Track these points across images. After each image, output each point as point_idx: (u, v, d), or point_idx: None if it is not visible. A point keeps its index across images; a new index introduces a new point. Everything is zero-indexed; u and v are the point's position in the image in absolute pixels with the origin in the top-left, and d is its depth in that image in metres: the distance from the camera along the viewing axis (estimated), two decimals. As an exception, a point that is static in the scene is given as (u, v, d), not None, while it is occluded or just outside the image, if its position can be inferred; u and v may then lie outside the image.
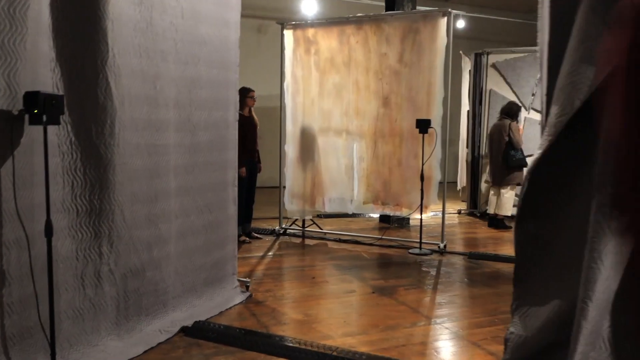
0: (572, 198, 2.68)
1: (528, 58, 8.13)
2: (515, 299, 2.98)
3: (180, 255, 3.96)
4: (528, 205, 2.83)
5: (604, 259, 2.40)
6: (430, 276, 5.19)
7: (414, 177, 6.20)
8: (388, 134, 6.31)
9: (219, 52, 4.18)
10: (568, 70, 2.62)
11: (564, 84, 2.62)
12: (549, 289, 2.78)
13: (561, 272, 2.75)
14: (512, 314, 2.99)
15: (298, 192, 6.77)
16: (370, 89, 6.34)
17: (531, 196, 2.82)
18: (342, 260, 5.73)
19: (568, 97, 2.57)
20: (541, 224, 2.81)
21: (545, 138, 2.73)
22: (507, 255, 5.95)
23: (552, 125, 2.66)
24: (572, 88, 2.56)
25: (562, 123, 2.60)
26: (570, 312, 2.65)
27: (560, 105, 2.61)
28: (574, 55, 2.61)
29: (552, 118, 2.69)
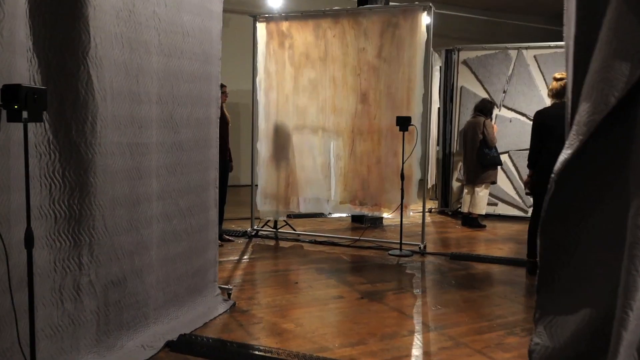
0: (603, 201, 2.52)
1: (499, 55, 8.12)
2: (538, 307, 2.82)
3: (162, 263, 3.66)
4: (555, 209, 2.68)
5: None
6: (417, 279, 5.05)
7: (394, 176, 6.05)
8: (366, 131, 6.14)
9: (202, 44, 3.89)
10: (600, 65, 2.47)
11: (596, 80, 2.47)
12: (577, 297, 2.63)
13: (590, 279, 2.59)
14: (536, 324, 2.83)
15: (271, 192, 6.52)
16: (348, 85, 6.15)
17: (558, 199, 2.67)
18: (322, 263, 5.52)
19: (601, 94, 2.42)
20: (569, 228, 2.66)
21: (575, 137, 2.56)
22: (489, 256, 5.89)
23: (583, 124, 2.49)
24: (606, 84, 2.41)
25: (595, 122, 2.45)
26: (603, 321, 2.49)
27: (593, 103, 2.46)
28: (606, 50, 2.46)
29: (582, 116, 2.52)
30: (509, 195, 8.19)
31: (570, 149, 2.51)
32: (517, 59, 8.06)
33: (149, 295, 3.54)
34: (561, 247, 2.66)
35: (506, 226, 7.66)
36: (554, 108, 5.13)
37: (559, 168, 2.55)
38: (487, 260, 5.72)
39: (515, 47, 8.10)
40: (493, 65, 8.14)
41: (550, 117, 5.08)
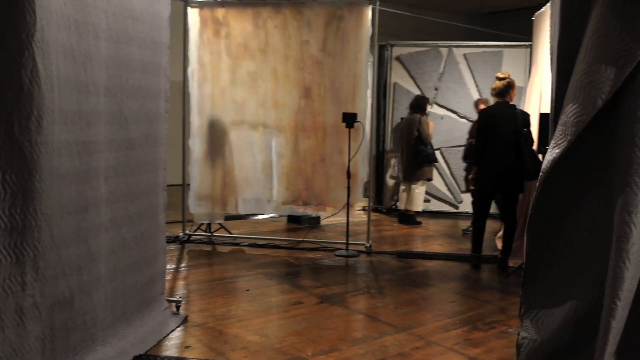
0: (587, 199, 2.52)
1: (431, 52, 8.17)
2: (524, 302, 2.78)
3: (111, 277, 3.24)
4: (542, 206, 2.63)
5: (631, 258, 2.29)
6: (370, 279, 4.90)
7: (339, 174, 5.86)
8: (310, 127, 5.90)
9: (151, 30, 3.48)
10: (586, 68, 2.44)
11: (583, 82, 2.44)
12: (563, 290, 2.62)
13: (575, 272, 2.60)
14: (522, 318, 2.78)
15: (206, 193, 6.11)
16: (291, 79, 5.88)
17: (546, 197, 2.62)
18: (269, 267, 5.23)
19: (589, 96, 2.40)
20: (555, 224, 2.63)
21: (563, 137, 2.53)
22: (434, 253, 5.87)
23: (571, 125, 2.46)
24: (593, 87, 2.39)
25: (583, 122, 2.42)
26: (587, 312, 2.50)
27: (580, 105, 2.43)
28: (591, 54, 2.44)
29: (570, 117, 2.50)
30: (441, 191, 8.28)
31: (558, 148, 2.50)
32: (447, 57, 8.14)
33: (97, 314, 3.12)
34: (546, 244, 2.67)
35: (439, 222, 7.73)
36: (498, 107, 5.16)
37: (548, 167, 2.53)
38: (433, 257, 5.69)
39: (446, 45, 8.18)
40: (425, 63, 8.17)
41: (494, 116, 5.11)
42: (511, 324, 3.83)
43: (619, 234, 2.25)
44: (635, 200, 2.22)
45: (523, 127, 5.01)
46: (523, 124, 5.02)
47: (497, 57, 8.06)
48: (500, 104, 5.14)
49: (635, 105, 2.22)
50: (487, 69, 8.09)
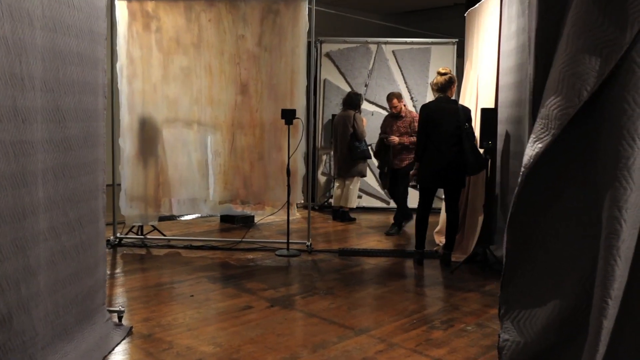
0: (571, 193, 2.51)
1: (360, 49, 8.18)
2: (503, 302, 2.75)
3: (51, 290, 2.95)
4: (523, 203, 2.61)
5: (622, 255, 2.29)
6: (317, 280, 4.80)
7: (278, 172, 5.72)
8: (247, 125, 5.72)
9: (88, 19, 3.20)
10: (568, 59, 2.43)
11: (566, 74, 2.42)
12: (545, 289, 2.60)
13: (557, 270, 2.58)
14: (502, 320, 2.75)
15: (138, 194, 5.78)
16: (226, 75, 5.67)
17: (527, 193, 2.60)
18: (210, 270, 5.01)
19: (573, 88, 2.38)
20: (537, 221, 2.61)
21: (545, 131, 2.51)
22: (375, 250, 5.87)
23: (554, 118, 2.44)
24: (577, 79, 2.37)
25: (568, 115, 2.40)
26: (572, 311, 2.49)
27: (564, 97, 2.41)
28: (573, 44, 2.43)
29: (552, 110, 2.47)
30: (372, 187, 8.33)
31: (541, 142, 2.46)
32: (377, 54, 8.19)
33: (37, 332, 2.82)
34: (527, 241, 2.63)
35: (373, 218, 7.76)
36: (439, 102, 5.22)
37: (531, 162, 2.49)
38: (375, 254, 5.68)
39: (375, 42, 8.23)
40: (355, 59, 8.18)
41: (435, 111, 5.16)
42: (467, 321, 3.85)
43: (608, 230, 2.22)
44: (625, 196, 2.20)
45: (465, 122, 5.09)
46: (465, 119, 5.10)
47: (425, 53, 8.20)
48: (441, 99, 5.20)
49: (622, 98, 2.20)
50: (415, 66, 8.22)
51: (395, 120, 6.67)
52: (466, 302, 4.26)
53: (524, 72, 4.70)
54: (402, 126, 6.60)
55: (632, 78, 2.25)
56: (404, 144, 6.53)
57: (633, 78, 2.25)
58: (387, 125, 6.75)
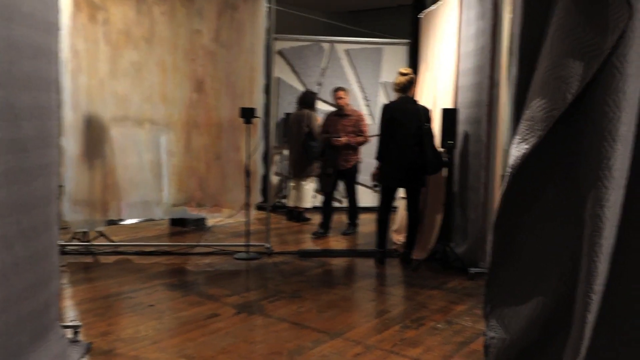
0: (555, 193, 2.52)
1: (313, 47, 8.07)
2: (488, 300, 2.73)
3: (3, 308, 2.67)
4: (509, 203, 2.59)
5: (604, 252, 2.32)
6: (282, 283, 4.64)
7: (236, 172, 5.52)
8: (204, 123, 5.48)
9: (45, 7, 2.93)
10: (551, 63, 2.43)
11: (550, 77, 2.42)
12: (527, 287, 2.60)
13: (539, 268, 2.59)
14: (487, 317, 2.73)
15: (84, 198, 5.42)
16: (181, 71, 5.41)
17: (513, 193, 2.58)
18: (166, 277, 4.77)
19: (558, 91, 2.39)
20: (521, 221, 2.61)
21: (530, 132, 2.50)
22: (336, 250, 5.79)
23: (540, 120, 2.44)
24: (562, 82, 2.38)
25: (554, 117, 2.41)
26: (555, 308, 2.51)
27: (550, 100, 2.41)
28: (557, 48, 2.44)
29: (538, 112, 2.47)
30: (326, 187, 8.23)
31: (527, 144, 2.46)
32: (330, 52, 8.10)
33: (-10, 354, 2.55)
34: (512, 240, 2.64)
35: (327, 218, 7.66)
36: (401, 102, 5.18)
37: (517, 163, 2.48)
38: (336, 255, 5.60)
39: (327, 40, 8.14)
40: (308, 57, 8.06)
41: (397, 111, 5.12)
42: (436, 318, 3.82)
43: (592, 228, 2.25)
44: (607, 195, 2.23)
45: (425, 122, 5.07)
46: (425, 119, 5.08)
47: (378, 53, 8.19)
48: (403, 99, 5.16)
49: (604, 101, 2.22)
50: (368, 65, 8.18)
51: (341, 119, 6.38)
52: (432, 299, 4.23)
53: (484, 74, 4.73)
54: (348, 125, 6.32)
55: (612, 82, 2.29)
56: (350, 144, 6.31)
57: (614, 82, 2.29)
58: (332, 125, 6.41)
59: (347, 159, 6.36)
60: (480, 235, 4.79)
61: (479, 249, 4.82)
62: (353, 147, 6.35)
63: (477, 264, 4.84)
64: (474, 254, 4.87)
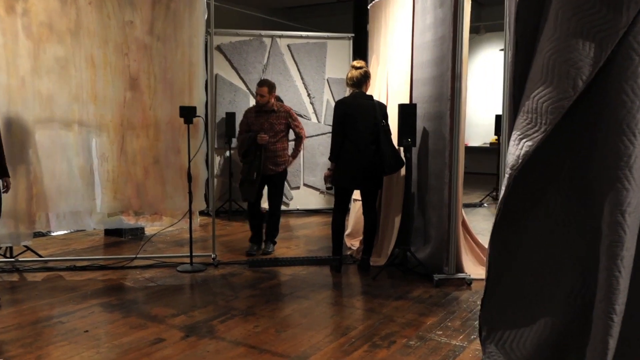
0: (561, 196, 2.23)
1: (254, 42, 7.67)
2: (484, 323, 2.42)
3: None
4: (509, 209, 2.30)
5: (626, 265, 2.04)
6: (232, 298, 4.24)
7: (176, 177, 5.08)
8: (140, 124, 5.00)
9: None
10: (556, 45, 2.12)
11: (556, 61, 2.12)
12: (531, 306, 2.29)
13: (544, 284, 2.29)
14: (484, 344, 2.42)
15: (6, 210, 4.76)
16: (112, 67, 4.90)
17: (514, 198, 2.29)
18: (103, 296, 4.27)
19: (567, 78, 2.09)
20: (522, 229, 2.32)
21: (534, 127, 2.18)
22: (288, 258, 5.42)
23: (546, 112, 2.13)
24: (571, 67, 2.08)
25: (563, 108, 2.11)
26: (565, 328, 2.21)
27: (556, 88, 2.12)
28: (562, 28, 2.14)
29: (541, 103, 2.15)
30: (271, 189, 7.86)
31: (530, 140, 2.16)
32: (271, 47, 7.73)
33: None
34: (510, 253, 2.33)
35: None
36: (355, 97, 4.89)
37: (519, 163, 2.18)
38: (288, 263, 5.24)
39: (269, 35, 7.76)
40: (248, 53, 7.65)
41: (352, 107, 4.82)
42: (407, 334, 3.53)
43: (611, 238, 1.96)
44: (628, 198, 1.94)
45: (382, 118, 4.79)
46: (382, 116, 4.80)
47: (321, 48, 7.88)
48: (357, 95, 4.86)
49: (620, 88, 1.95)
50: (311, 61, 7.87)
51: (267, 116, 5.32)
52: (399, 311, 3.95)
53: (445, 65, 4.50)
54: (276, 123, 5.35)
55: (630, 66, 2.01)
56: (276, 147, 5.37)
57: (631, 66, 2.01)
58: (256, 122, 5.34)
59: (277, 162, 5.42)
60: (444, 239, 4.56)
61: (443, 254, 4.59)
62: (283, 149, 5.46)
63: (441, 269, 4.61)
64: (438, 259, 4.63)
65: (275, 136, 5.36)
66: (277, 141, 5.38)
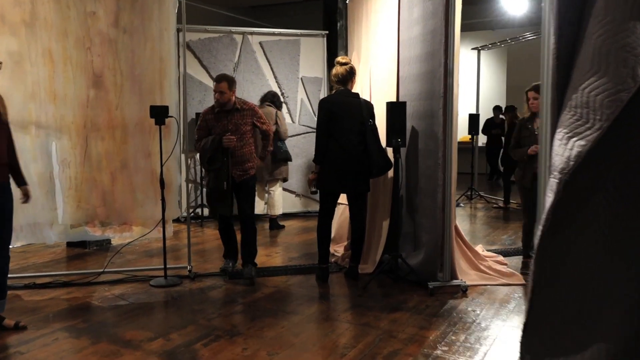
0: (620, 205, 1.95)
1: (224, 39, 7.27)
2: (525, 352, 2.09)
3: None
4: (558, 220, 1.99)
5: None
6: (214, 316, 3.86)
7: (147, 183, 4.66)
8: (105, 126, 4.56)
9: None
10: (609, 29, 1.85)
11: (611, 47, 1.82)
12: (582, 330, 2.00)
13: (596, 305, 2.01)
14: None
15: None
16: (73, 63, 4.45)
17: (564, 206, 1.98)
18: (68, 318, 3.82)
19: (624, 66, 1.80)
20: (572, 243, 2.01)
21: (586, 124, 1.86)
22: (270, 268, 5.07)
23: (601, 106, 1.82)
24: (629, 53, 1.78)
25: (621, 102, 1.80)
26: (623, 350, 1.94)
27: (611, 78, 1.81)
28: (617, 10, 1.87)
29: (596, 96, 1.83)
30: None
31: (582, 139, 1.84)
32: (243, 45, 7.34)
33: None
34: (562, 269, 2.01)
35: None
36: (341, 95, 4.56)
37: (571, 166, 1.86)
38: (271, 274, 4.87)
39: (240, 32, 7.37)
40: (218, 51, 7.25)
41: (337, 106, 4.49)
42: (411, 352, 3.22)
43: None
44: None
45: (369, 118, 4.48)
46: (368, 115, 4.49)
47: (295, 46, 7.54)
48: (343, 93, 4.54)
49: None
50: (284, 59, 7.51)
51: (230, 116, 4.59)
52: (397, 325, 3.64)
53: (437, 61, 4.22)
54: (242, 123, 4.60)
55: None
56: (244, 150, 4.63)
57: None
58: (218, 124, 4.57)
59: (245, 167, 4.65)
60: (438, 244, 4.27)
61: (437, 260, 4.30)
62: (252, 153, 4.70)
63: (435, 276, 4.32)
64: (432, 265, 4.34)
65: (242, 138, 4.60)
66: (244, 144, 4.61)
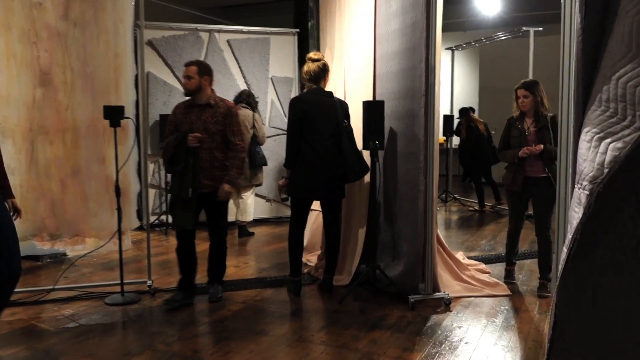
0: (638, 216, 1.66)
1: (189, 37, 6.88)
2: None
3: None
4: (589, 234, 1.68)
5: None
6: (175, 339, 3.48)
7: (101, 191, 4.27)
8: (54, 129, 4.14)
9: None
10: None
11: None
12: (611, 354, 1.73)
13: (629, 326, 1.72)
14: None
15: None
16: (17, 59, 4.03)
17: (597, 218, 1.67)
18: (10, 345, 3.40)
19: None
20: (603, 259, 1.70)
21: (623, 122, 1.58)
22: (237, 280, 4.70)
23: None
24: None
25: None
26: None
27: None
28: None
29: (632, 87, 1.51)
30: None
31: (618, 140, 1.51)
32: (209, 43, 6.96)
33: None
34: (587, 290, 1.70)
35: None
36: (313, 94, 4.24)
37: (605, 173, 1.53)
38: (237, 287, 4.52)
39: (206, 30, 7.00)
40: (183, 49, 6.86)
41: (309, 105, 4.17)
42: (396, 376, 2.91)
43: None
44: None
45: (344, 118, 4.16)
46: (343, 115, 4.17)
47: (264, 44, 7.19)
48: (315, 91, 4.22)
49: None
50: (254, 58, 7.16)
51: (199, 112, 3.95)
52: (378, 346, 3.31)
53: (417, 57, 3.93)
54: (212, 122, 3.95)
55: None
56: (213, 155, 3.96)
57: None
58: (185, 120, 3.95)
59: (215, 176, 3.97)
60: (419, 254, 3.97)
61: (418, 271, 4.00)
62: (225, 158, 4.01)
63: (416, 288, 4.02)
64: (412, 277, 4.04)
65: (211, 140, 3.93)
66: (214, 147, 3.95)
